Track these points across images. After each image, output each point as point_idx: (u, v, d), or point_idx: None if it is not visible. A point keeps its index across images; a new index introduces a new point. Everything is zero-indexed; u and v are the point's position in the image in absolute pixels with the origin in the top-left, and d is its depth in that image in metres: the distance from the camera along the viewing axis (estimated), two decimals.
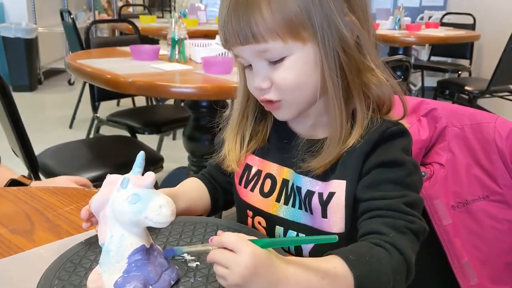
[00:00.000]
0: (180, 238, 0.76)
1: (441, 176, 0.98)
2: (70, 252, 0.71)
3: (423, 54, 5.63)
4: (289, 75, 0.75)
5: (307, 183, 0.80)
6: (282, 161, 0.85)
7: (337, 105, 0.75)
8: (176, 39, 2.23)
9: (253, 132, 0.88)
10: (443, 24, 4.97)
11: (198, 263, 0.69)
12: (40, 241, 0.79)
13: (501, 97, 4.03)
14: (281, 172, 0.84)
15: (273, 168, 0.86)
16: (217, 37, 2.45)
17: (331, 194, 0.77)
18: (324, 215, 0.77)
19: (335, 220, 0.77)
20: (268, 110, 0.82)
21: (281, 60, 0.75)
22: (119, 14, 5.79)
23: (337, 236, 0.61)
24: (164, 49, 2.37)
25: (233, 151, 0.88)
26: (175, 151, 3.50)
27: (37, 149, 1.91)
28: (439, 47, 5.12)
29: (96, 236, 0.73)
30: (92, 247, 0.72)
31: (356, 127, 0.76)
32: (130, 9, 8.20)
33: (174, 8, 8.08)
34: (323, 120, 0.81)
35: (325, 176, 0.78)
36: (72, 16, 3.74)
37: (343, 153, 0.76)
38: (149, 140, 2.84)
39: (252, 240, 0.61)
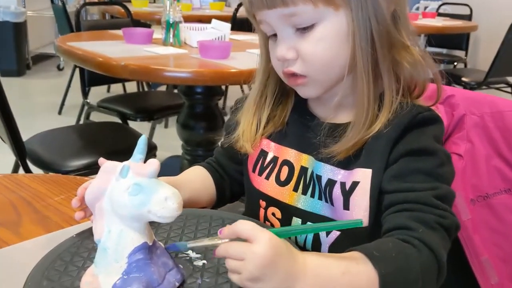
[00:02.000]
0: (182, 233, 0.68)
1: (459, 168, 0.91)
2: (60, 248, 0.63)
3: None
4: (319, 47, 0.69)
5: (328, 171, 0.73)
6: (300, 147, 0.78)
7: (365, 82, 0.69)
8: (171, 22, 2.14)
9: (270, 115, 0.81)
10: (439, 15, 4.90)
11: (205, 261, 0.61)
12: (27, 235, 0.71)
13: (498, 88, 3.98)
14: (299, 159, 0.78)
15: (290, 154, 0.79)
16: (213, 21, 2.37)
17: (355, 184, 0.70)
18: (346, 206, 0.71)
19: (358, 213, 0.70)
20: (290, 85, 0.75)
21: (311, 27, 0.68)
22: None
23: (362, 220, 0.56)
24: (158, 33, 2.28)
25: (248, 131, 0.81)
26: (167, 139, 3.41)
27: (25, 136, 1.83)
28: (434, 38, 5.06)
29: (90, 230, 0.66)
30: (85, 242, 0.65)
31: (383, 110, 0.70)
32: None
33: None
34: (348, 101, 0.74)
35: (348, 163, 0.71)
36: None
37: (368, 138, 0.70)
38: (140, 127, 2.75)
39: (268, 229, 0.55)
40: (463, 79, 3.81)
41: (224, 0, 4.96)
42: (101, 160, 0.57)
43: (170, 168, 2.63)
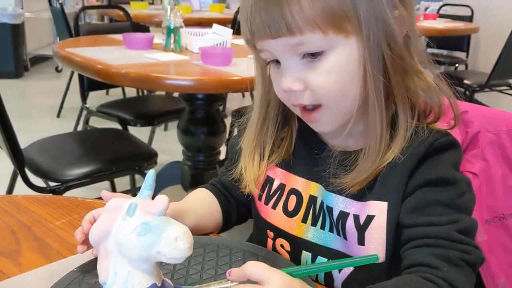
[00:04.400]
0: (189, 264, 0.65)
1: (474, 187, 0.87)
2: (61, 285, 0.59)
3: None
4: (330, 78, 0.63)
5: (339, 203, 0.69)
6: (309, 175, 0.74)
7: (378, 111, 0.65)
8: (172, 28, 2.11)
9: (274, 142, 0.76)
10: (440, 16, 4.87)
11: None
12: (27, 264, 0.68)
13: (500, 91, 3.95)
14: (308, 188, 0.73)
15: (298, 182, 0.74)
16: (214, 26, 2.33)
17: (370, 218, 0.66)
18: (361, 241, 0.67)
19: (374, 248, 0.66)
20: (305, 120, 0.69)
21: (319, 55, 0.63)
22: (109, 0, 5.61)
23: (378, 256, 0.53)
24: (158, 38, 2.24)
25: (250, 168, 0.76)
26: (167, 142, 3.38)
27: (23, 139, 1.79)
28: (435, 39, 5.02)
29: (91, 262, 0.63)
30: (87, 277, 0.61)
31: (397, 138, 0.66)
32: None
33: None
34: (358, 128, 0.70)
35: (361, 195, 0.67)
36: (60, 1, 3.58)
37: (382, 168, 0.66)
38: (140, 131, 2.72)
39: (280, 269, 0.52)
40: (465, 81, 3.78)
41: (224, 1, 4.93)
42: (104, 194, 0.54)
43: (170, 175, 2.60)
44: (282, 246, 0.75)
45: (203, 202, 0.81)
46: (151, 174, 0.51)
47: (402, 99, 0.66)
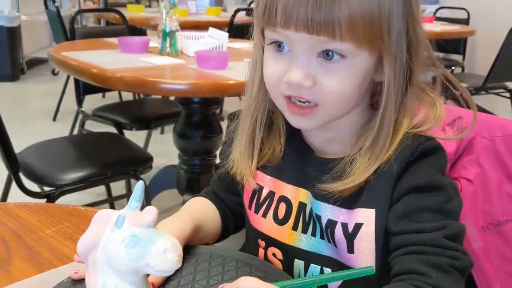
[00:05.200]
0: (181, 274, 0.64)
1: (469, 194, 0.87)
2: None
3: None
4: (345, 84, 0.63)
5: (327, 211, 0.68)
6: (297, 182, 0.73)
7: (392, 126, 0.65)
8: (167, 31, 2.10)
9: (265, 141, 0.75)
10: (436, 19, 4.88)
11: None
12: (18, 274, 0.67)
13: (497, 94, 3.96)
14: (297, 195, 0.73)
15: (287, 190, 0.73)
16: (210, 29, 2.33)
17: (358, 226, 0.66)
18: (351, 250, 0.66)
19: (365, 256, 0.66)
20: (290, 111, 0.67)
21: (339, 60, 0.62)
22: (106, 3, 5.61)
23: (373, 267, 0.52)
24: (154, 41, 2.24)
25: (245, 156, 0.74)
26: (163, 145, 3.37)
27: (20, 142, 1.78)
28: (432, 42, 5.02)
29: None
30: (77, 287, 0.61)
31: (391, 146, 0.65)
32: None
33: None
34: (348, 136, 0.70)
35: (349, 203, 0.66)
36: (56, 4, 3.57)
37: (370, 176, 0.65)
38: (137, 134, 2.71)
39: (275, 283, 0.51)
40: (462, 84, 3.78)
41: (220, 4, 4.93)
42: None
43: (166, 178, 2.58)
44: (274, 255, 0.74)
45: (207, 211, 0.79)
46: (140, 185, 0.50)
47: (408, 112, 0.66)
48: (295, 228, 0.72)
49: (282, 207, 0.73)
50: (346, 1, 0.58)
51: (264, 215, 0.75)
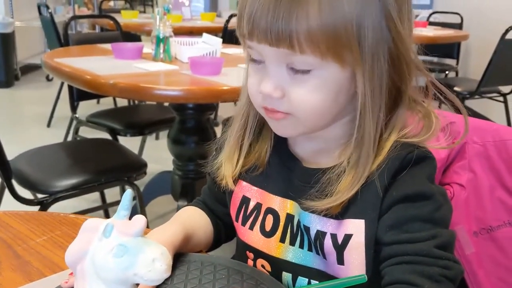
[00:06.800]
0: (172, 282, 0.64)
1: (462, 199, 0.87)
2: None
3: None
4: (314, 96, 0.62)
5: (316, 222, 0.67)
6: (284, 193, 0.72)
7: (373, 139, 0.63)
8: (161, 37, 2.10)
9: (252, 145, 0.75)
10: (430, 23, 4.90)
11: None
12: (7, 284, 0.66)
13: (490, 98, 3.97)
14: (284, 206, 0.72)
15: (274, 201, 0.73)
16: (204, 35, 2.33)
17: (348, 237, 0.65)
18: (341, 261, 0.65)
19: (354, 267, 0.65)
20: (267, 117, 0.67)
21: (307, 71, 0.61)
22: (100, 9, 5.60)
23: (365, 276, 0.52)
24: (148, 47, 2.24)
25: (230, 159, 0.74)
26: (157, 151, 3.36)
27: (13, 149, 1.77)
28: (425, 46, 5.03)
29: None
30: None
31: (379, 157, 0.64)
32: (111, 3, 7.99)
33: (157, 2, 7.90)
34: (331, 145, 0.70)
35: (338, 213, 0.65)
36: (50, 10, 3.57)
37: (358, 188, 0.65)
38: (131, 140, 2.71)
39: None
40: (456, 88, 3.79)
41: (215, 10, 4.93)
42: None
43: (160, 184, 2.58)
44: (263, 266, 0.74)
45: (199, 220, 0.79)
46: (128, 194, 0.50)
47: (398, 126, 0.65)
48: (282, 240, 0.71)
49: (270, 219, 0.73)
50: (304, 13, 0.57)
51: (251, 227, 0.74)
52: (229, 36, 3.08)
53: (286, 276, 0.71)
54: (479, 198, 0.87)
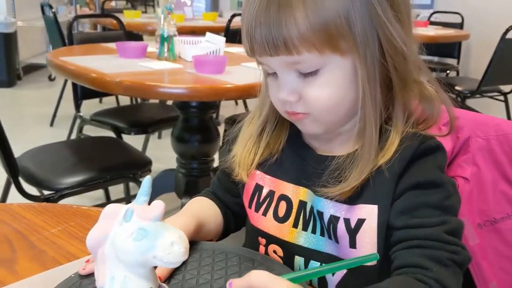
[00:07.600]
0: (185, 269, 0.66)
1: (466, 192, 0.89)
2: None
3: None
4: (325, 92, 0.66)
5: (329, 207, 0.70)
6: (297, 181, 0.75)
7: (374, 125, 0.66)
8: (165, 36, 2.12)
9: (269, 142, 0.78)
10: (431, 23, 4.92)
11: None
12: (24, 273, 0.68)
13: (491, 97, 3.99)
14: (297, 193, 0.75)
15: (287, 188, 0.76)
16: (207, 34, 2.35)
17: (361, 221, 0.67)
18: (353, 244, 0.68)
19: (366, 251, 0.67)
20: (292, 120, 0.72)
21: (315, 72, 0.65)
22: (102, 9, 5.63)
23: (377, 254, 0.54)
24: (152, 46, 2.25)
25: (246, 158, 0.77)
26: (161, 150, 3.38)
27: (17, 148, 1.78)
28: (426, 46, 5.05)
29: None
30: (85, 282, 0.62)
31: (388, 145, 0.67)
32: (113, 3, 8.00)
33: (158, 2, 7.91)
34: (346, 135, 0.72)
35: (351, 199, 0.68)
36: (53, 10, 3.59)
37: (371, 172, 0.67)
38: (134, 139, 2.72)
39: (283, 275, 0.52)
40: (457, 87, 3.81)
41: (216, 10, 4.95)
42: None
43: (164, 182, 2.59)
44: (275, 252, 0.76)
45: (209, 210, 0.81)
46: (147, 180, 0.52)
47: (401, 109, 0.68)
48: (295, 225, 0.74)
49: (283, 205, 0.75)
50: (292, 19, 0.61)
51: (265, 213, 0.77)
52: (231, 36, 3.09)
53: (299, 260, 0.73)
54: (482, 191, 0.89)
